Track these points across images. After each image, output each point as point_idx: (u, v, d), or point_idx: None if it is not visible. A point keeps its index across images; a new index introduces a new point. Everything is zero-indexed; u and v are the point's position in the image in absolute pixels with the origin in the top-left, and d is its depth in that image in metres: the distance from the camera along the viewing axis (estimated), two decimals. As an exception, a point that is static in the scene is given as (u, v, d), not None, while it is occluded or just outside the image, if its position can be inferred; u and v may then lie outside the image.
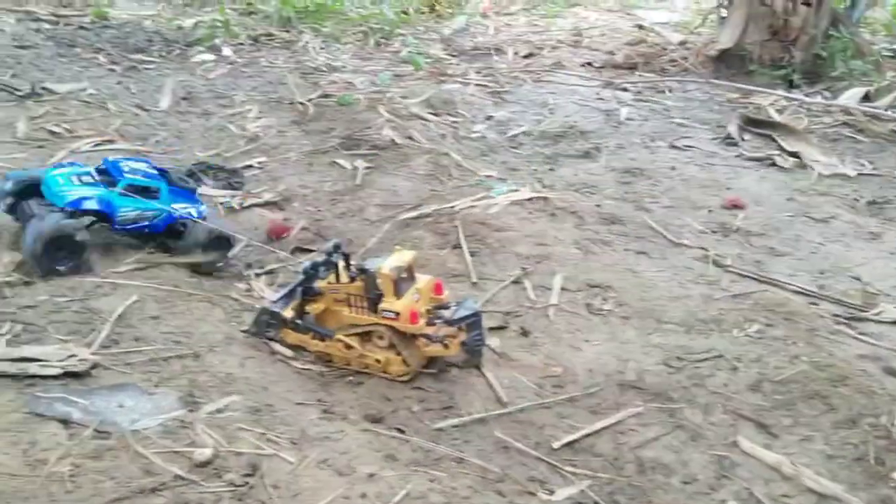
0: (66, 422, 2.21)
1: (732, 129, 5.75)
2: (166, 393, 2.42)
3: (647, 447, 2.59)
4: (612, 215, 4.30)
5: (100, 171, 3.41)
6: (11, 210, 3.31)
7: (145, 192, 3.37)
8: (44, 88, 5.55)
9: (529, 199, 4.26)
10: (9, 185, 3.32)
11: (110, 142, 4.71)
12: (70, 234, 3.12)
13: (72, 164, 3.55)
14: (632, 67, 7.64)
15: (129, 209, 3.32)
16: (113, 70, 6.34)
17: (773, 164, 5.27)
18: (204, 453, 2.16)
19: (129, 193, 3.33)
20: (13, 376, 2.38)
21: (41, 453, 2.06)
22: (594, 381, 2.88)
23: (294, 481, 2.15)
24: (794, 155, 5.36)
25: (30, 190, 3.30)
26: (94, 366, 2.53)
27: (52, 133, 4.72)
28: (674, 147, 5.57)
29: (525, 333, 3.17)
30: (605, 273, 3.61)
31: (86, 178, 3.34)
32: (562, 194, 4.43)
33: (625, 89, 6.98)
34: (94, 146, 4.62)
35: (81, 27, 7.65)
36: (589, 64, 7.82)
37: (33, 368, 2.44)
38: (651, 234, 4.13)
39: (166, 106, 5.62)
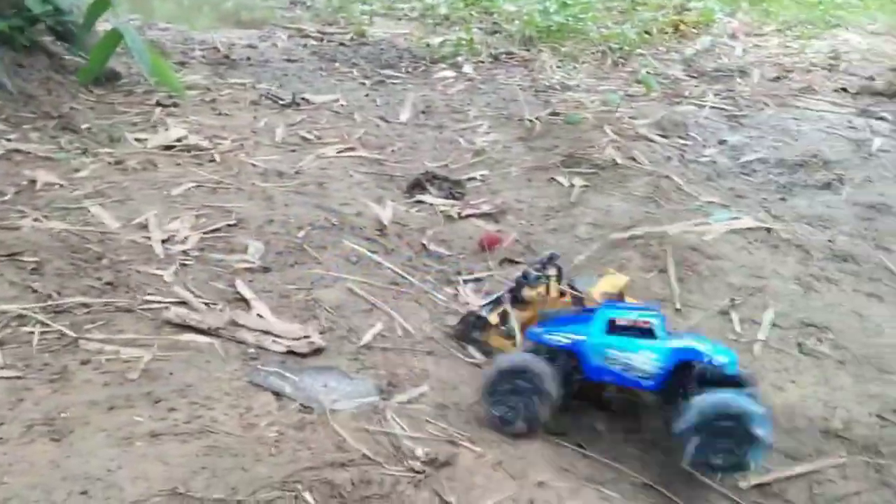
0: (278, 394, 2.48)
1: None
2: (365, 380, 2.64)
3: (844, 501, 2.41)
4: (845, 252, 3.99)
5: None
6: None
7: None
8: (303, 99, 6.20)
9: (751, 229, 4.07)
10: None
11: (351, 149, 5.15)
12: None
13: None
14: (893, 95, 6.98)
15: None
16: (363, 84, 6.91)
17: None
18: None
19: None
20: (245, 344, 2.74)
21: (254, 418, 2.34)
22: (795, 424, 2.72)
23: (467, 477, 2.25)
24: None
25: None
26: (319, 350, 2.82)
27: (304, 139, 5.27)
28: (931, 183, 5.04)
29: (725, 366, 3.05)
30: (825, 313, 3.37)
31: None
32: (789, 225, 4.19)
33: (882, 118, 6.40)
34: (338, 152, 5.09)
35: (342, 44, 8.40)
36: (843, 90, 7.26)
37: (267, 343, 2.78)
38: (888, 277, 3.77)
39: (405, 119, 6.02)
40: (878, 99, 6.96)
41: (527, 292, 3.16)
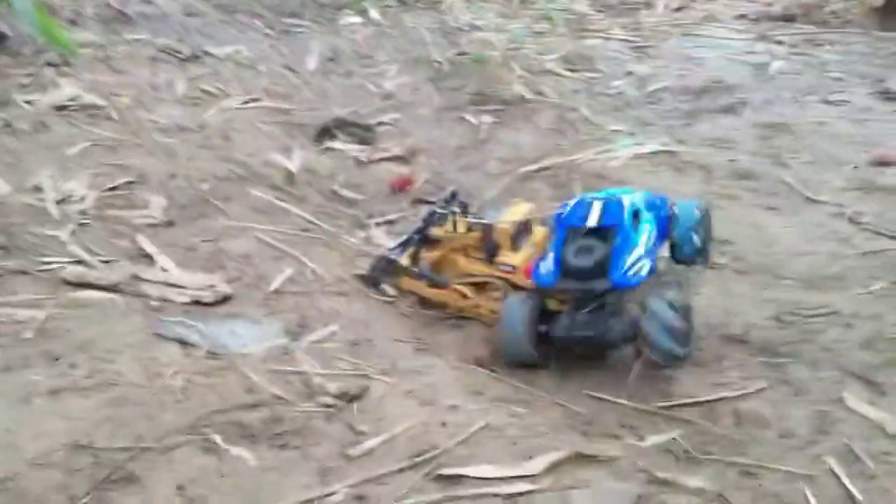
0: (184, 343, 2.45)
1: (893, 83, 5.29)
2: (274, 323, 2.62)
3: (746, 400, 2.51)
4: (746, 170, 4.12)
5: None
6: None
7: None
8: (204, 52, 5.99)
9: (655, 153, 4.16)
10: None
11: (256, 100, 5.02)
12: None
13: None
14: (790, 20, 7.16)
15: None
16: (268, 34, 6.71)
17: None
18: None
19: None
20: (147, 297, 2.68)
21: (159, 368, 2.30)
22: (697, 332, 2.80)
23: (379, 407, 2.27)
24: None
25: None
26: (226, 298, 2.78)
27: (206, 92, 5.11)
28: (826, 102, 5.21)
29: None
30: (726, 227, 3.47)
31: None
32: (692, 148, 4.30)
33: (779, 42, 6.57)
34: (242, 104, 4.96)
35: (244, -6, 8.13)
36: (743, 16, 7.41)
37: (171, 294, 2.73)
38: (785, 190, 3.93)
39: (312, 67, 5.89)
40: (776, 24, 7.13)
41: (435, 231, 3.18)
